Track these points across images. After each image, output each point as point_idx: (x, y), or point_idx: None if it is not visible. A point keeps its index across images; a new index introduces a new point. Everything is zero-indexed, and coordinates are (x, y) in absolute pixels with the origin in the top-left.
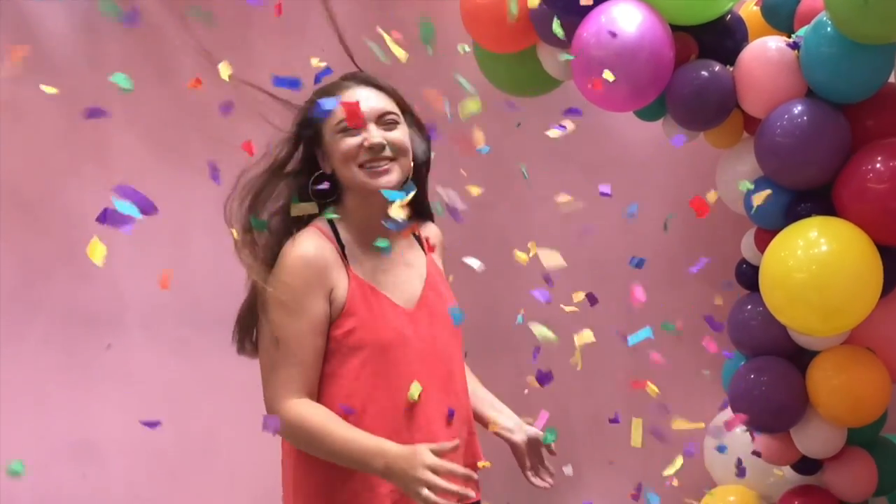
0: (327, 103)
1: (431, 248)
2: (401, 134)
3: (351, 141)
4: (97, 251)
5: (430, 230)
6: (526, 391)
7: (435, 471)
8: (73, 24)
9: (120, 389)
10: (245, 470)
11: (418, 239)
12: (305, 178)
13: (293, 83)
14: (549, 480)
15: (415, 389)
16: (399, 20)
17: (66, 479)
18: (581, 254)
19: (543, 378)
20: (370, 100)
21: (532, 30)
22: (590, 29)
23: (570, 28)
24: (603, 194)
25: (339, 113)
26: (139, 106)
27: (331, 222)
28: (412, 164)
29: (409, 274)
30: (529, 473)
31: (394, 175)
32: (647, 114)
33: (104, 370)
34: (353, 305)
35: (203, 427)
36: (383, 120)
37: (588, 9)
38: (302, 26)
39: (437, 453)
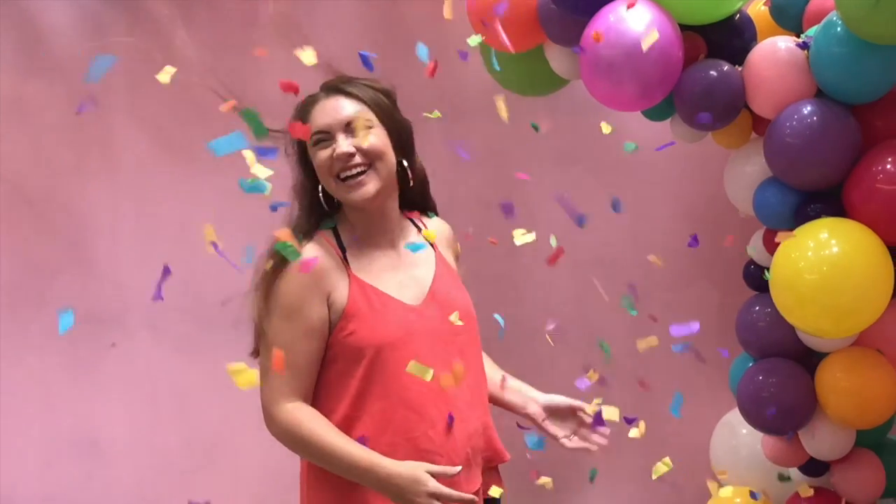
0: None
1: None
2: (373, 138)
3: (323, 153)
4: (244, 377)
5: (435, 224)
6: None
7: (438, 498)
8: (76, 22)
9: (125, 388)
10: (250, 469)
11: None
12: (313, 189)
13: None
14: (597, 440)
15: (420, 372)
16: (403, 20)
17: (71, 479)
18: (588, 255)
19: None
20: (336, 110)
21: (539, 29)
22: (598, 28)
23: (579, 27)
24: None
25: (312, 126)
26: (143, 104)
27: (334, 229)
28: (395, 163)
29: (415, 271)
30: (565, 441)
31: (370, 185)
32: (656, 113)
33: (109, 369)
34: (355, 307)
35: (208, 426)
36: (350, 127)
37: (597, 8)
38: (305, 30)
39: (438, 477)
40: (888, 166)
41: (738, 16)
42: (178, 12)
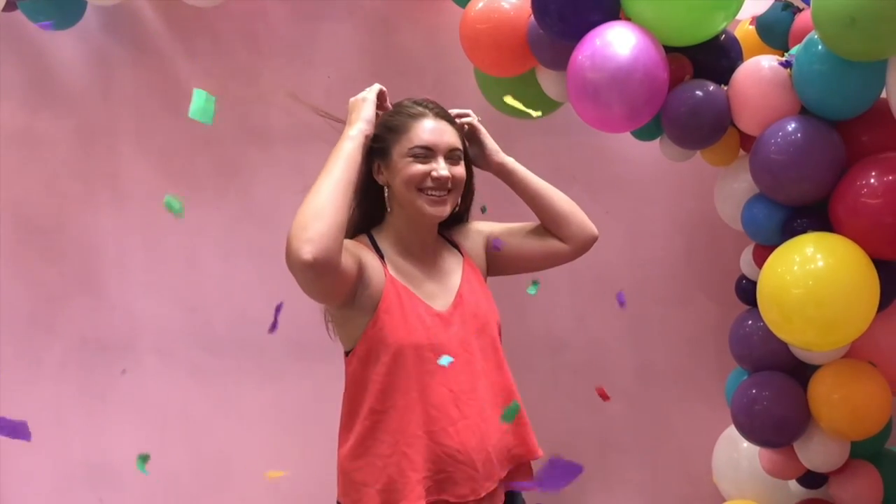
0: None
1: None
2: (462, 170)
3: (420, 167)
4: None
5: (463, 230)
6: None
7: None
8: (85, 56)
9: (135, 414)
10: (259, 492)
11: (454, 244)
12: (378, 193)
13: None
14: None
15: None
16: (401, 47)
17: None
18: (586, 271)
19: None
20: (445, 134)
21: (531, 54)
22: (585, 52)
23: (568, 51)
24: None
25: (415, 139)
26: (150, 135)
27: (370, 235)
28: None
29: (446, 281)
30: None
31: (447, 207)
32: (644, 134)
33: (120, 395)
34: (388, 303)
35: (218, 450)
36: (451, 155)
37: (583, 32)
38: (308, 53)
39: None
40: (872, 180)
41: (723, 36)
42: (182, 45)
